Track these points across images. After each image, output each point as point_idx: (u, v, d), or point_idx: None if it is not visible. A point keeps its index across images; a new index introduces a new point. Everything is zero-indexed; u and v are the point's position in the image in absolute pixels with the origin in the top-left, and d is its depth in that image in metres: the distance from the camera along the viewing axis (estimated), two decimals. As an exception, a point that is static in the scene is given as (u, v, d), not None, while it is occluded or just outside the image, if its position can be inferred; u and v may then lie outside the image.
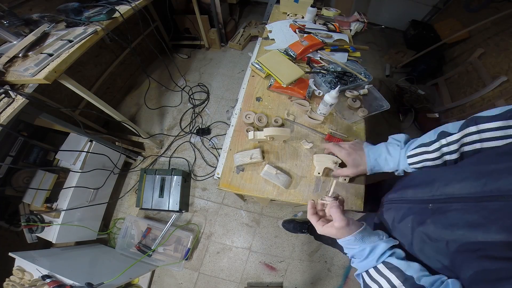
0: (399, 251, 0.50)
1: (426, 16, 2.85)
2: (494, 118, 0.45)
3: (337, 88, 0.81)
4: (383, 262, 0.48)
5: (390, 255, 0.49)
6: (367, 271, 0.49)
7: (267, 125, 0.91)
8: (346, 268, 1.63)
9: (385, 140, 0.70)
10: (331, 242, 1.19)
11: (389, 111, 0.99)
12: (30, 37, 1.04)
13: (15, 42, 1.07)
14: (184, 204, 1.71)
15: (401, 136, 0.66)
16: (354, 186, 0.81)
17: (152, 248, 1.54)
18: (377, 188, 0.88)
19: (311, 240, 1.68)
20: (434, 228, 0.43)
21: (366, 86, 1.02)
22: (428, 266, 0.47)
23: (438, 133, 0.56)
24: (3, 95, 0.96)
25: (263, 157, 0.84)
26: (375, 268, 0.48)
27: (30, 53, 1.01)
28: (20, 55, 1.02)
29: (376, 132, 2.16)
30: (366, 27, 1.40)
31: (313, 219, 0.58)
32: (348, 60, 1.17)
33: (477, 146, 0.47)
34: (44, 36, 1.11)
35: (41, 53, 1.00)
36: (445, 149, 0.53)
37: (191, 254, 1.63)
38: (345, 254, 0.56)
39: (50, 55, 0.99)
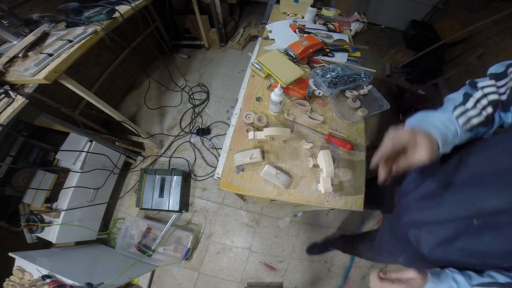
0: (468, 272, 0.49)
1: (426, 16, 2.84)
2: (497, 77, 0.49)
3: (278, 85, 0.82)
4: (477, 285, 0.46)
5: (469, 277, 0.47)
6: None
7: (267, 125, 0.91)
8: (346, 268, 1.63)
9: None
10: (370, 255, 1.09)
11: (389, 111, 0.99)
12: (30, 37, 1.04)
13: (15, 42, 1.07)
14: (184, 204, 1.71)
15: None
16: (354, 185, 0.81)
17: (152, 248, 1.54)
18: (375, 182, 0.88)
19: (311, 240, 1.68)
20: (497, 246, 0.44)
21: (366, 86, 1.03)
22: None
23: (463, 94, 0.54)
24: (3, 95, 0.96)
25: (263, 157, 0.85)
26: None
27: (30, 53, 1.01)
28: (20, 55, 1.02)
29: (376, 132, 2.16)
30: (366, 27, 1.40)
31: (375, 280, 0.54)
32: (348, 60, 1.17)
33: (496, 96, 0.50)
34: (44, 36, 1.10)
35: (41, 53, 1.00)
36: (483, 101, 0.51)
37: (191, 254, 1.63)
38: None
39: (50, 55, 0.99)
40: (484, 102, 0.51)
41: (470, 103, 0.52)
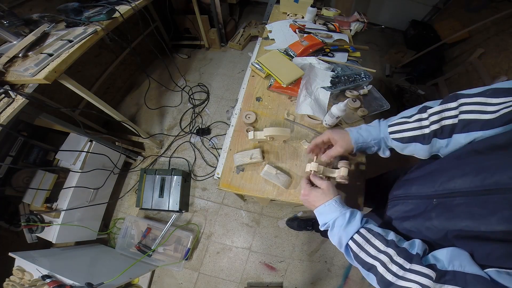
0: (371, 220, 0.54)
1: (426, 16, 2.85)
2: (474, 96, 0.48)
3: (345, 101, 0.79)
4: (365, 228, 0.51)
5: (366, 222, 0.53)
6: (353, 239, 0.51)
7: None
8: (346, 268, 1.63)
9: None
10: None
11: (389, 111, 0.99)
12: (30, 37, 1.04)
13: (15, 42, 1.07)
14: (184, 204, 1.71)
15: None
16: (354, 185, 0.81)
17: (152, 248, 1.54)
18: (377, 182, 0.88)
19: (311, 240, 1.68)
20: (438, 222, 0.46)
21: (366, 86, 1.03)
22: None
23: (419, 108, 0.58)
24: (3, 95, 0.96)
25: (263, 157, 0.85)
26: (359, 233, 0.51)
27: (30, 53, 1.01)
28: (20, 55, 1.02)
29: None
30: (366, 27, 1.40)
31: (303, 182, 0.66)
32: (348, 60, 1.17)
33: (455, 120, 0.49)
34: (44, 36, 1.10)
35: (41, 53, 1.00)
36: (424, 122, 0.54)
37: (191, 254, 1.63)
38: (323, 228, 0.58)
39: (50, 55, 0.99)
40: (425, 122, 0.54)
41: (412, 118, 0.57)
